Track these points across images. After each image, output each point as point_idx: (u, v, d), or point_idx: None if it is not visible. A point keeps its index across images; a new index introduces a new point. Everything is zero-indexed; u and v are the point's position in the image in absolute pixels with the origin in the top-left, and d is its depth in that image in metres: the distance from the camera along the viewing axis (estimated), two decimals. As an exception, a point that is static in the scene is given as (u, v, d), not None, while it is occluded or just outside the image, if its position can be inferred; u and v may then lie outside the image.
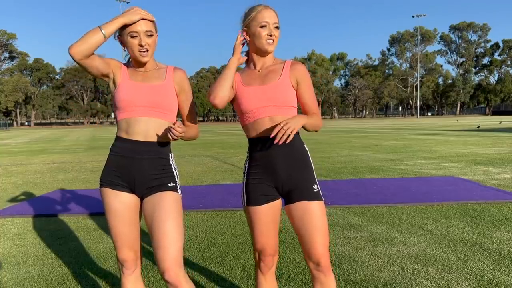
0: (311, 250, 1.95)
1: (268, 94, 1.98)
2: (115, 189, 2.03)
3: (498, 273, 3.04)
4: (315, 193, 1.99)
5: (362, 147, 14.09)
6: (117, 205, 2.03)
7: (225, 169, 9.30)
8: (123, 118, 2.01)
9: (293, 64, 2.05)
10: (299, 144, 2.03)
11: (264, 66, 2.06)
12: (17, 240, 4.30)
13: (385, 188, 6.34)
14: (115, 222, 2.05)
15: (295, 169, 1.99)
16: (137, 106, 1.98)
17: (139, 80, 2.03)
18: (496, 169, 8.11)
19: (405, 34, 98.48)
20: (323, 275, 1.95)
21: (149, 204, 2.00)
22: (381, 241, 3.85)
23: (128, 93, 1.99)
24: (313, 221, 1.94)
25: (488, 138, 16.97)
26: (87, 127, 78.81)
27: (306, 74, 2.05)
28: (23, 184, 8.11)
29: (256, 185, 2.01)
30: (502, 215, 4.62)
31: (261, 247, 2.04)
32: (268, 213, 2.01)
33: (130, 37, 1.96)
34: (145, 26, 1.96)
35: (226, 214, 5.06)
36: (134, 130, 1.99)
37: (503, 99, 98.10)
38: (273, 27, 1.98)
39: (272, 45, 2.00)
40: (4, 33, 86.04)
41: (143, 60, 1.99)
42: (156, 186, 2.01)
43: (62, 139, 27.94)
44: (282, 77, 2.01)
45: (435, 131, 24.54)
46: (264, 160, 1.99)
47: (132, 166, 2.01)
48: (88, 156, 14.05)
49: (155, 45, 2.03)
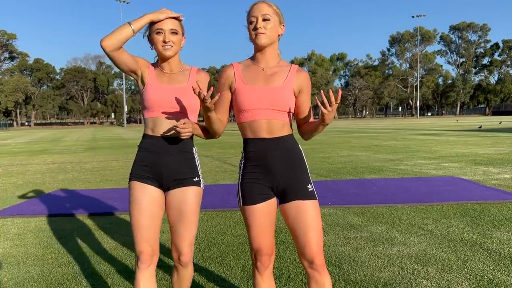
0: (305, 248, 1.95)
1: (270, 97, 1.96)
2: (143, 182, 2.14)
3: (498, 273, 3.04)
4: (310, 192, 2.00)
5: (362, 147, 14.09)
6: (143, 198, 2.11)
7: (225, 169, 9.30)
8: (150, 117, 2.16)
9: (298, 71, 2.04)
10: (293, 144, 2.03)
11: (268, 66, 2.03)
12: (17, 240, 4.30)
13: (385, 188, 6.34)
14: (138, 215, 2.10)
15: (289, 169, 1.99)
16: (163, 107, 2.13)
17: (165, 82, 2.16)
18: (496, 169, 8.11)
19: (405, 34, 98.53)
20: (317, 273, 1.96)
21: (175, 197, 2.17)
22: (381, 241, 3.85)
23: (155, 94, 2.12)
24: (308, 220, 1.95)
25: (488, 138, 16.97)
26: (87, 127, 78.84)
27: (309, 83, 2.07)
28: (23, 184, 8.11)
29: (252, 184, 2.01)
30: (502, 215, 4.62)
31: (258, 246, 2.03)
32: (264, 212, 2.01)
33: (155, 34, 2.10)
34: (170, 25, 2.11)
35: (226, 214, 5.06)
36: (161, 128, 2.14)
37: (503, 99, 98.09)
38: (262, 19, 1.95)
39: (261, 37, 1.95)
40: (4, 33, 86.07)
41: (166, 54, 2.11)
42: (182, 180, 2.17)
43: (62, 139, 27.95)
44: (286, 82, 1.99)
45: (435, 131, 24.54)
46: (259, 160, 1.99)
47: (160, 161, 2.14)
48: (88, 156, 14.05)
49: (180, 44, 2.17)
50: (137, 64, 2.14)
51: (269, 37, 1.97)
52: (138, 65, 2.15)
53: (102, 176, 8.92)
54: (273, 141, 1.98)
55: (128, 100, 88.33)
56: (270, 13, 1.97)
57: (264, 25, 1.96)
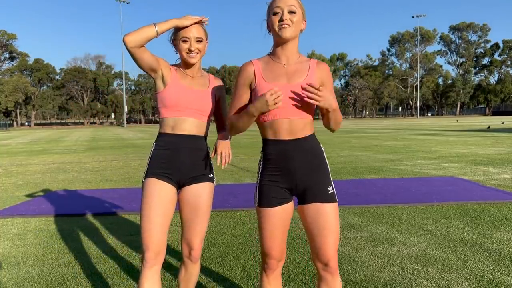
0: (321, 251, 1.92)
1: (293, 94, 1.89)
2: (160, 179, 2.17)
3: (498, 273, 3.04)
4: (330, 194, 1.96)
5: (362, 147, 14.09)
6: (159, 195, 2.14)
7: (225, 170, 9.30)
8: (170, 117, 2.21)
9: (318, 64, 1.98)
10: (315, 144, 1.97)
11: (289, 62, 1.95)
12: (17, 240, 4.30)
13: (385, 188, 6.34)
14: (149, 211, 2.11)
15: (310, 170, 1.94)
16: (185, 107, 2.20)
17: (187, 85, 2.24)
18: (496, 169, 8.11)
19: (405, 34, 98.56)
20: (330, 276, 1.93)
21: (191, 193, 2.24)
22: (381, 242, 3.85)
23: (178, 94, 2.19)
24: (327, 223, 1.91)
25: (488, 138, 16.97)
26: (87, 127, 78.84)
27: (330, 74, 2.00)
28: (23, 184, 8.11)
29: (269, 186, 1.95)
30: (502, 215, 4.62)
31: (268, 249, 1.99)
32: (278, 216, 1.96)
33: (181, 42, 2.18)
34: (196, 33, 2.19)
35: (226, 215, 5.06)
36: (180, 128, 2.21)
37: (503, 100, 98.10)
38: (288, 10, 1.87)
39: (287, 30, 1.87)
40: (4, 33, 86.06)
41: (191, 61, 2.20)
42: (198, 176, 2.25)
43: (62, 140, 27.95)
44: (308, 77, 1.92)
45: (435, 131, 24.54)
46: (279, 162, 1.93)
47: (179, 158, 2.20)
48: (88, 156, 14.05)
49: (204, 51, 2.26)
50: (157, 64, 2.19)
51: (294, 31, 1.90)
52: (159, 64, 2.20)
53: (102, 176, 8.92)
54: (294, 143, 1.92)
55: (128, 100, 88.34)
56: (296, 6, 1.89)
57: (290, 17, 1.87)
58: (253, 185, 7.02)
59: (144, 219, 2.12)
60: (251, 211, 5.19)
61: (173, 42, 2.26)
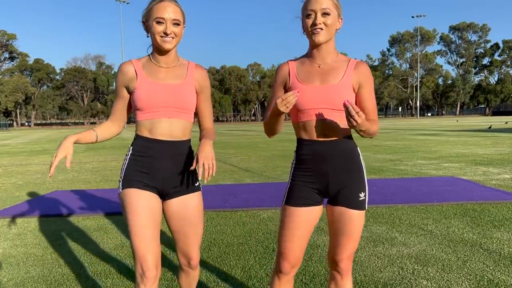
0: (337, 251, 1.94)
1: (327, 96, 1.82)
2: (140, 188, 1.95)
3: (498, 273, 3.04)
4: (360, 201, 1.90)
5: (362, 148, 14.09)
6: (142, 204, 1.92)
7: (225, 170, 9.30)
8: (145, 120, 1.96)
9: (358, 64, 1.88)
10: (350, 147, 1.90)
11: (324, 62, 1.88)
12: (17, 240, 4.30)
13: (385, 188, 6.34)
14: (138, 221, 1.89)
15: (344, 174, 1.88)
16: (158, 107, 1.94)
17: (159, 79, 1.96)
18: (496, 170, 8.11)
19: (405, 34, 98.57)
20: (339, 276, 1.96)
21: (177, 207, 2.03)
22: (381, 242, 3.85)
23: (148, 93, 1.93)
24: (351, 229, 1.90)
25: (488, 138, 16.97)
26: (87, 127, 78.86)
27: (370, 76, 1.89)
28: (23, 184, 8.11)
29: (300, 187, 1.91)
30: (502, 216, 4.62)
31: (284, 250, 1.92)
32: (303, 218, 1.89)
33: (155, 23, 1.87)
34: (173, 13, 1.88)
35: (226, 215, 5.06)
36: (157, 131, 1.95)
37: (503, 100, 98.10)
38: (321, 13, 1.79)
39: (320, 35, 1.79)
40: (4, 33, 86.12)
41: (165, 46, 1.90)
42: (182, 186, 2.02)
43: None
44: (344, 78, 1.84)
45: (435, 131, 24.54)
46: (312, 163, 1.88)
47: (159, 166, 1.96)
48: (88, 156, 14.05)
49: (181, 36, 1.95)
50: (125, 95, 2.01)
51: (329, 34, 1.82)
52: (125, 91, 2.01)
53: (102, 176, 8.92)
54: (329, 144, 1.86)
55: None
56: (330, 7, 1.80)
57: (324, 20, 1.79)
58: (254, 185, 7.02)
59: (131, 232, 1.89)
60: (251, 211, 5.19)
61: (143, 23, 1.95)
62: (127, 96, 2.02)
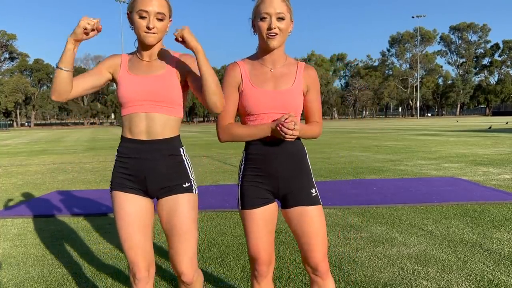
0: (309, 255, 1.89)
1: (280, 100, 1.84)
2: (126, 192, 1.91)
3: (498, 273, 3.04)
4: (313, 197, 1.91)
5: (362, 148, 14.09)
6: (128, 209, 1.89)
7: (225, 170, 9.30)
8: (125, 115, 1.89)
9: (306, 68, 1.92)
10: (298, 147, 1.93)
11: (275, 65, 1.89)
12: (17, 240, 4.30)
13: (385, 188, 6.34)
14: (125, 226, 1.88)
15: (292, 172, 1.90)
16: (136, 101, 1.85)
17: (140, 73, 1.88)
18: (496, 170, 8.11)
19: (405, 34, 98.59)
20: (320, 279, 1.91)
21: (164, 208, 1.92)
22: (381, 242, 3.85)
23: (126, 88, 1.86)
24: (312, 226, 1.87)
25: (488, 138, 16.97)
26: (87, 127, 78.83)
27: (317, 80, 1.94)
28: (23, 184, 8.11)
29: (251, 188, 1.91)
30: (502, 216, 4.62)
31: (255, 254, 1.93)
32: (262, 217, 1.91)
33: (138, 17, 1.79)
34: (157, 7, 1.78)
35: (226, 215, 5.06)
36: (137, 129, 1.87)
37: (503, 100, 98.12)
38: (276, 17, 1.78)
39: (275, 40, 1.80)
40: (4, 33, 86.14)
41: (147, 41, 1.82)
42: (170, 187, 1.91)
43: (62, 140, 27.94)
44: (296, 83, 1.87)
45: (435, 131, 24.54)
46: (261, 163, 1.89)
47: (142, 167, 1.89)
48: (88, 156, 14.05)
49: (165, 31, 1.86)
50: (102, 75, 1.90)
51: (282, 38, 1.83)
52: (104, 74, 1.91)
53: (102, 176, 8.92)
54: (277, 143, 1.87)
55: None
56: (285, 11, 1.79)
57: (279, 25, 1.79)
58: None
59: (121, 236, 1.89)
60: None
61: (128, 15, 1.87)
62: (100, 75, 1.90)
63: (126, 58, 1.95)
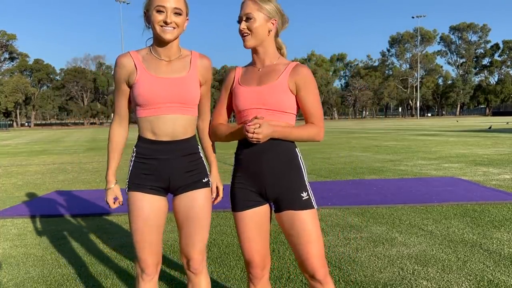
0: (306, 262, 1.84)
1: (261, 96, 1.83)
2: (144, 192, 1.92)
3: (498, 273, 3.04)
4: (304, 201, 1.84)
5: (362, 148, 14.09)
6: (146, 209, 1.91)
7: (225, 170, 9.30)
8: (146, 116, 1.88)
9: (295, 67, 1.87)
10: (289, 147, 1.87)
11: (264, 64, 1.92)
12: (17, 240, 4.30)
13: (385, 188, 6.34)
14: (141, 226, 1.90)
15: (281, 174, 1.84)
16: (161, 103, 1.85)
17: (161, 73, 1.87)
18: (496, 170, 8.11)
19: (405, 34, 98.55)
20: (319, 284, 1.86)
21: (183, 202, 1.96)
22: (381, 242, 3.85)
23: (149, 88, 1.84)
24: (305, 232, 1.81)
25: (488, 138, 16.97)
26: (87, 127, 78.82)
27: (308, 79, 1.86)
28: (23, 184, 8.11)
29: (240, 189, 1.91)
30: (502, 216, 4.62)
31: (248, 257, 1.91)
32: (253, 220, 1.89)
33: (156, 12, 1.81)
34: (174, 3, 1.81)
35: (226, 215, 5.06)
36: (161, 131, 1.88)
37: (503, 100, 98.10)
38: (244, 18, 1.85)
39: (245, 39, 1.86)
40: (4, 33, 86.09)
41: (165, 37, 1.82)
42: (191, 183, 1.96)
43: (62, 140, 27.94)
44: (280, 80, 1.84)
45: (435, 131, 24.54)
46: (249, 164, 1.87)
47: (166, 167, 1.91)
48: (88, 157, 14.05)
49: (182, 27, 1.87)
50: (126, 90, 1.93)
51: (256, 38, 1.85)
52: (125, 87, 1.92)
53: (102, 176, 8.92)
54: (266, 144, 1.82)
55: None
56: (253, 11, 1.82)
57: (248, 25, 1.83)
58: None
59: (135, 234, 1.93)
60: (251, 212, 5.18)
61: (145, 14, 1.89)
62: (128, 91, 1.93)
63: (138, 56, 1.91)
